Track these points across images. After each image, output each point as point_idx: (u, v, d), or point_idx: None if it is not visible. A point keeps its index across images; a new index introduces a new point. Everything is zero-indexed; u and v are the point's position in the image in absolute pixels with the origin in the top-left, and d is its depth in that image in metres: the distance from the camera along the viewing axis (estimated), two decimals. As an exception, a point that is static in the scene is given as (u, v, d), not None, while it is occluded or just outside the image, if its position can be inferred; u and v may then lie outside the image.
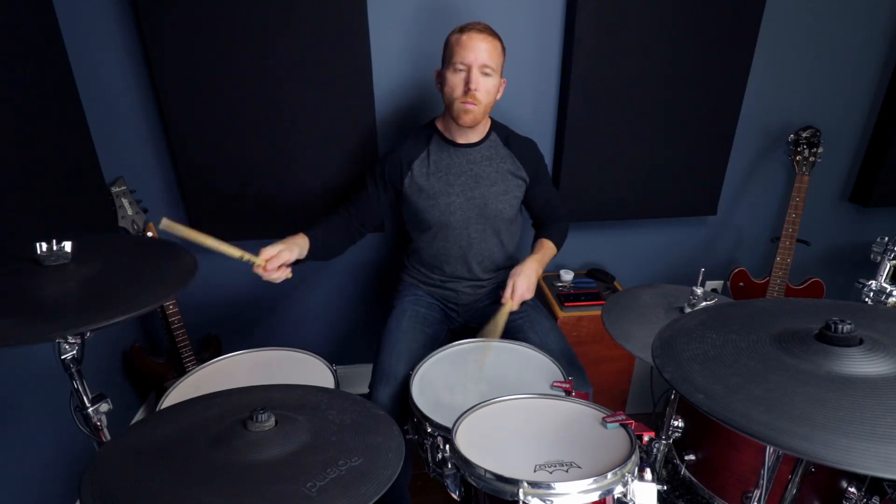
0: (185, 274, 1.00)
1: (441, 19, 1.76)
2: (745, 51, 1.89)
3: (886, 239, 1.33)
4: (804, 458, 0.62)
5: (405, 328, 1.58)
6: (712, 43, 1.85)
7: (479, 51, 1.41)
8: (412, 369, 1.38)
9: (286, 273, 1.39)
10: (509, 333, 1.55)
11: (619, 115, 1.91)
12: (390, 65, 1.81)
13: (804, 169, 1.99)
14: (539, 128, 1.95)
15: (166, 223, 1.17)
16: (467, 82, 1.42)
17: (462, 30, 1.43)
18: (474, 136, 1.57)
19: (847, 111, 2.10)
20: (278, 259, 1.36)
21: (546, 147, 1.99)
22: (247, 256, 1.30)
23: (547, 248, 1.67)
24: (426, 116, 1.82)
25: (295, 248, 1.42)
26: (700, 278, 1.28)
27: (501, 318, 1.47)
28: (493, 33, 1.44)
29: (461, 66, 1.42)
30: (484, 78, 1.43)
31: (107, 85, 1.71)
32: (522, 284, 1.50)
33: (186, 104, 1.71)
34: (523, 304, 1.64)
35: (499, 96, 1.51)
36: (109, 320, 0.83)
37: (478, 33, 1.41)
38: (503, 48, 1.47)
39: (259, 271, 1.35)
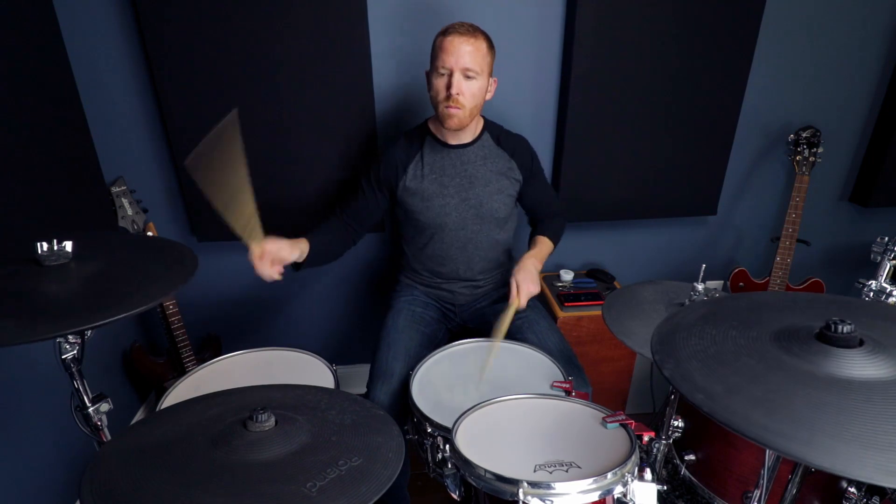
0: (186, 272, 0.99)
1: (441, 19, 1.75)
2: (745, 51, 1.88)
3: (886, 239, 1.33)
4: (805, 464, 0.62)
5: (401, 327, 1.58)
6: (712, 43, 1.85)
7: (460, 54, 1.38)
8: (409, 367, 1.38)
9: (277, 273, 1.34)
10: (509, 334, 1.55)
11: (619, 115, 1.91)
12: (390, 65, 1.81)
13: (804, 169, 1.99)
14: (539, 128, 1.95)
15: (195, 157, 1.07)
16: (448, 86, 1.41)
17: (445, 32, 1.41)
18: (466, 137, 1.56)
19: (847, 111, 2.10)
20: (273, 255, 1.32)
21: (546, 147, 1.99)
22: (246, 238, 1.24)
23: (544, 245, 1.67)
24: (426, 116, 1.82)
25: (296, 249, 1.41)
26: (701, 274, 1.28)
27: (507, 318, 1.46)
28: (476, 34, 1.41)
29: (443, 70, 1.41)
30: (467, 81, 1.42)
31: (107, 85, 1.71)
32: (526, 280, 1.48)
33: (186, 104, 1.70)
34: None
35: (489, 96, 1.50)
36: (110, 318, 0.82)
37: (459, 36, 1.39)
38: (490, 47, 1.44)
39: (253, 260, 1.30)
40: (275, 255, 1.33)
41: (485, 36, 1.43)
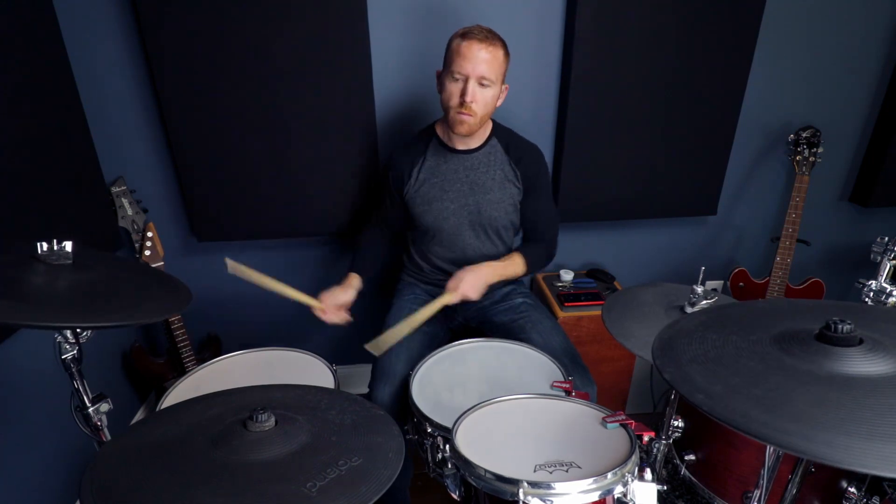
0: (181, 302, 1.03)
1: (441, 19, 1.76)
2: (745, 51, 1.88)
3: (886, 239, 1.33)
4: (805, 457, 0.62)
5: None
6: (712, 43, 1.85)
7: (477, 62, 1.37)
8: (411, 369, 1.38)
9: (345, 316, 1.50)
10: (511, 333, 1.55)
11: (619, 114, 1.91)
12: (390, 65, 1.81)
13: (804, 169, 1.99)
14: (539, 128, 1.95)
15: (232, 265, 1.31)
16: (463, 94, 1.40)
17: (463, 35, 1.39)
18: (473, 142, 1.56)
19: (847, 111, 2.10)
20: (335, 301, 1.48)
21: (546, 147, 1.99)
22: (304, 299, 1.42)
23: (513, 264, 1.58)
24: (427, 117, 1.82)
25: (350, 289, 1.55)
26: (700, 277, 1.28)
27: (431, 309, 1.42)
28: (494, 41, 1.39)
29: (458, 76, 1.40)
30: (481, 89, 1.41)
31: (107, 85, 1.71)
32: (468, 282, 1.44)
33: (186, 104, 1.70)
34: (524, 303, 1.64)
35: (499, 103, 1.49)
36: (106, 323, 0.83)
37: (478, 42, 1.37)
38: (506, 54, 1.43)
39: (318, 314, 1.46)
40: (334, 304, 1.48)
41: (502, 42, 1.42)
